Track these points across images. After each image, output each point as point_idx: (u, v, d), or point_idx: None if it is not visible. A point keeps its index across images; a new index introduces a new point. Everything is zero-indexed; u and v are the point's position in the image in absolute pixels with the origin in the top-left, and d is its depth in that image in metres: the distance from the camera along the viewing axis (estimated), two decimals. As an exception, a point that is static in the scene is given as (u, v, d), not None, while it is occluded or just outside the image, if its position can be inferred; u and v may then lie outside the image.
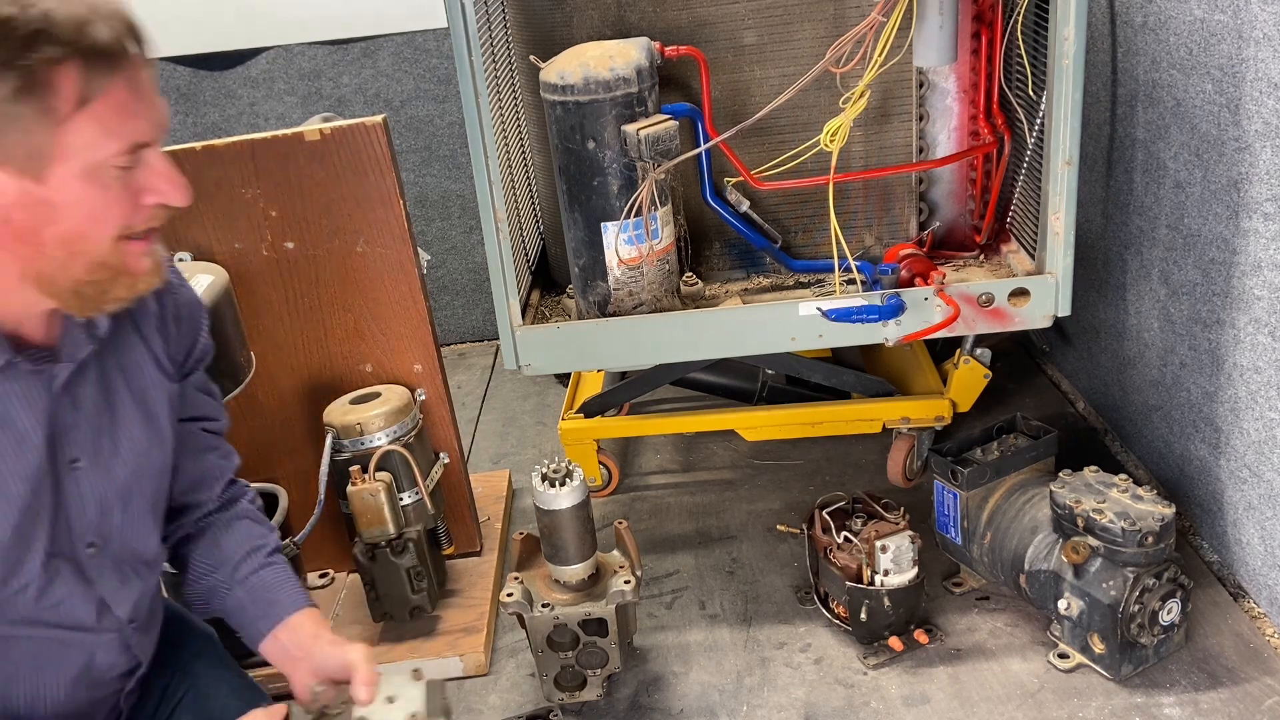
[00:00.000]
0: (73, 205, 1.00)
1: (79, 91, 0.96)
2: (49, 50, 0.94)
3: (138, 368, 1.23)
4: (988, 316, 1.98)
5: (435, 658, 2.08)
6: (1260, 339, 1.86)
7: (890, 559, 1.92)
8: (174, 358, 1.30)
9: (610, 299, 2.05)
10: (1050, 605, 1.90)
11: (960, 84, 2.12)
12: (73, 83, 0.96)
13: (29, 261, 1.02)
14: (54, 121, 0.96)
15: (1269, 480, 1.88)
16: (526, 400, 3.18)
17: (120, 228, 1.04)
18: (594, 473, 2.56)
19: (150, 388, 1.25)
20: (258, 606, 1.39)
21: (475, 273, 3.52)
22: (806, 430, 2.49)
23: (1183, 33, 1.98)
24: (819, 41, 2.01)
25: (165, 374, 1.27)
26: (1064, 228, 1.91)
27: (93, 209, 1.01)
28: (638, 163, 1.93)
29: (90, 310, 1.09)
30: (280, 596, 1.40)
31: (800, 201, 2.16)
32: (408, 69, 3.28)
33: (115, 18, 0.99)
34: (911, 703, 1.88)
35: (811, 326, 1.99)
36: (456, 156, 3.37)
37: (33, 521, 1.12)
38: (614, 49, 1.91)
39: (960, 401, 2.38)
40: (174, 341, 1.30)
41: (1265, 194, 1.79)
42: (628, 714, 1.94)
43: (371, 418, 2.04)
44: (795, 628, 2.09)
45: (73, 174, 0.98)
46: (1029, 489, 2.01)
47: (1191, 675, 1.86)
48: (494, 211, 1.96)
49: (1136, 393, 2.38)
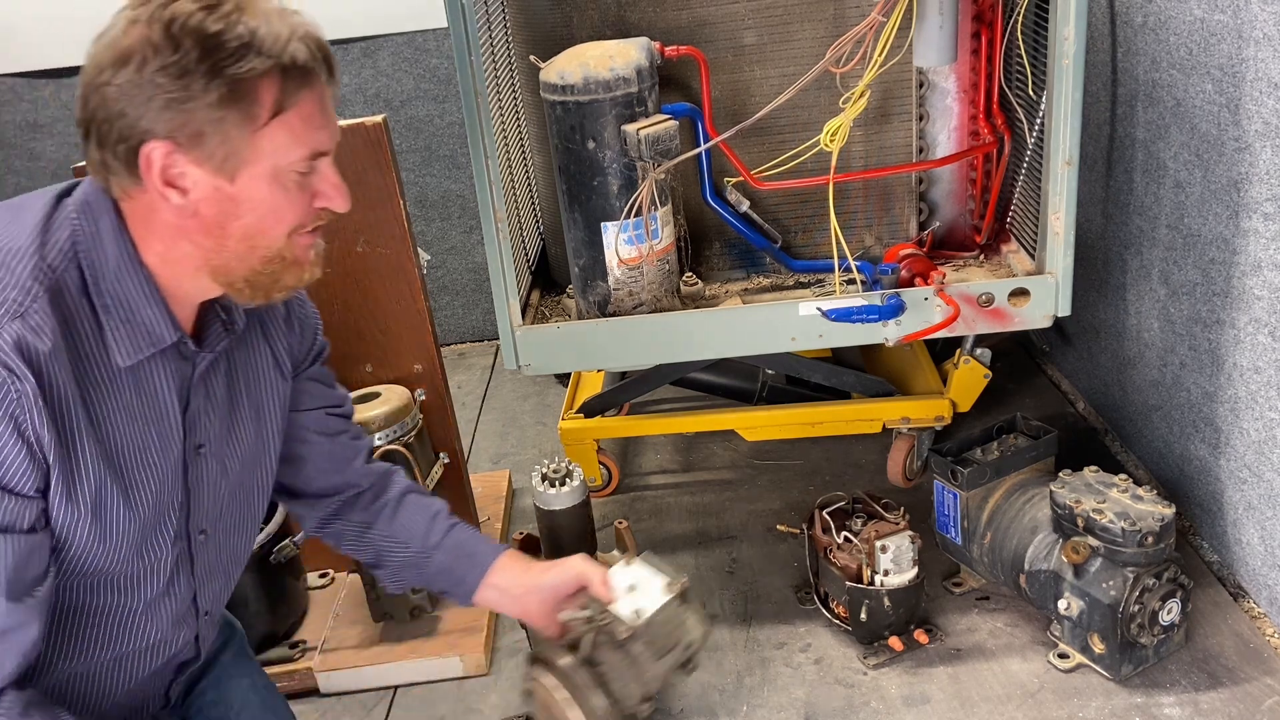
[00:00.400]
0: (256, 203, 1.08)
1: (276, 101, 1.05)
2: (255, 62, 1.02)
3: (257, 367, 1.30)
4: (988, 316, 1.98)
5: (435, 657, 2.08)
6: (1260, 339, 1.86)
7: (890, 559, 1.92)
8: (294, 357, 1.36)
9: (610, 299, 2.05)
10: (1050, 605, 1.90)
11: (960, 84, 2.12)
12: (271, 93, 1.04)
13: (211, 253, 1.10)
14: (253, 128, 1.04)
15: (1269, 480, 1.88)
16: (526, 400, 3.18)
17: (294, 225, 1.12)
18: (594, 473, 2.56)
19: (266, 388, 1.31)
20: (461, 565, 1.45)
21: (475, 273, 3.52)
22: (806, 430, 2.49)
23: (1183, 33, 1.98)
24: (819, 41, 2.01)
25: (282, 374, 1.33)
26: (1064, 228, 1.91)
27: (273, 208, 1.09)
28: (638, 163, 1.93)
29: (260, 298, 1.16)
30: (478, 548, 1.47)
31: (800, 201, 2.16)
32: (408, 69, 3.28)
33: (311, 39, 1.08)
34: (911, 703, 1.88)
35: (811, 326, 1.99)
36: (456, 156, 3.37)
37: (169, 498, 1.19)
38: (614, 49, 1.91)
39: (960, 401, 2.38)
40: (296, 342, 1.37)
41: (1265, 194, 1.79)
42: (628, 714, 1.94)
43: (371, 418, 2.04)
44: (795, 628, 2.09)
45: (260, 175, 1.07)
46: (1029, 489, 2.01)
47: (1191, 675, 1.86)
48: (494, 211, 1.96)
49: (1136, 393, 2.38)
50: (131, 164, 1.04)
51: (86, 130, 1.06)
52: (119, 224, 1.09)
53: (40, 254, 1.05)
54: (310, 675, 2.08)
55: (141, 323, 1.10)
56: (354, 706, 2.06)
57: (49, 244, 1.07)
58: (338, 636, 2.16)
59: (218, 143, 1.04)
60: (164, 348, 1.13)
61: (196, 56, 1.01)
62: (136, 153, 1.03)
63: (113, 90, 1.02)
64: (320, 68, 1.09)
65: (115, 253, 1.08)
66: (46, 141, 3.31)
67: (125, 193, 1.08)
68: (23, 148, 3.31)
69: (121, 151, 1.04)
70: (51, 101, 3.25)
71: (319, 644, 2.14)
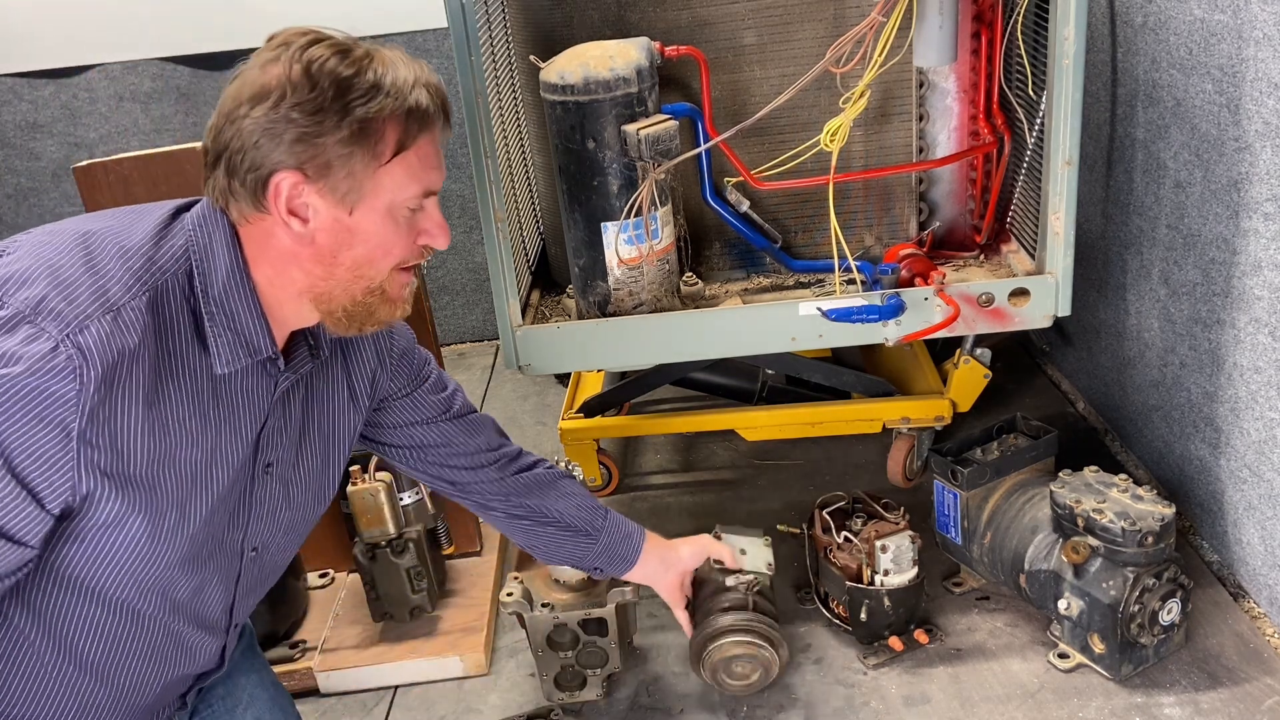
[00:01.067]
0: (369, 235, 1.15)
1: (399, 141, 1.12)
2: (383, 104, 1.10)
3: (331, 397, 1.34)
4: (988, 316, 1.98)
5: (435, 657, 2.08)
6: (1260, 339, 1.86)
7: (890, 559, 1.92)
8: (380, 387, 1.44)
9: (610, 299, 2.05)
10: (1050, 605, 1.90)
11: (960, 84, 2.12)
12: (395, 133, 1.12)
13: (318, 279, 1.16)
14: (377, 165, 1.12)
15: (1269, 480, 1.88)
16: (526, 400, 3.18)
17: (399, 260, 1.19)
18: (594, 473, 2.56)
19: (338, 418, 1.36)
20: (622, 547, 1.74)
21: (475, 273, 3.52)
22: (806, 430, 2.49)
23: (1183, 33, 1.98)
24: (819, 41, 2.01)
25: (356, 406, 1.38)
26: (1064, 228, 1.91)
27: (384, 240, 1.16)
28: (638, 163, 1.93)
29: (353, 329, 1.22)
30: (630, 530, 1.76)
31: (800, 201, 2.16)
32: (407, 69, 3.28)
33: (432, 86, 1.15)
34: (911, 703, 1.88)
35: (811, 326, 1.99)
36: (456, 156, 3.36)
37: (224, 512, 1.21)
38: (614, 49, 1.91)
39: (960, 401, 2.38)
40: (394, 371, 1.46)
41: (1265, 194, 1.79)
42: (628, 714, 1.94)
43: (371, 418, 2.04)
44: (795, 628, 2.09)
45: (377, 209, 1.14)
46: (1029, 489, 2.01)
47: (1191, 675, 1.86)
48: (494, 211, 1.96)
49: (1136, 393, 2.38)
50: (258, 192, 1.10)
51: (216, 159, 1.11)
52: (233, 240, 1.14)
53: (152, 256, 1.10)
54: (310, 675, 2.08)
55: (242, 332, 1.15)
56: (354, 706, 2.06)
57: (163, 248, 1.11)
58: (338, 636, 2.16)
59: (343, 176, 1.10)
60: (255, 362, 1.17)
61: (331, 96, 1.08)
62: (266, 182, 1.09)
63: (249, 123, 1.08)
64: (438, 113, 1.16)
65: (226, 265, 1.13)
66: (46, 141, 3.31)
67: (244, 217, 1.13)
68: (23, 148, 3.31)
69: (250, 180, 1.10)
70: (51, 101, 3.25)
71: (319, 644, 2.14)
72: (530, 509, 1.66)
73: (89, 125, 3.28)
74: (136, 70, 3.20)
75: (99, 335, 1.02)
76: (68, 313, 1.01)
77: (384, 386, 1.46)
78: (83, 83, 3.22)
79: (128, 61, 3.20)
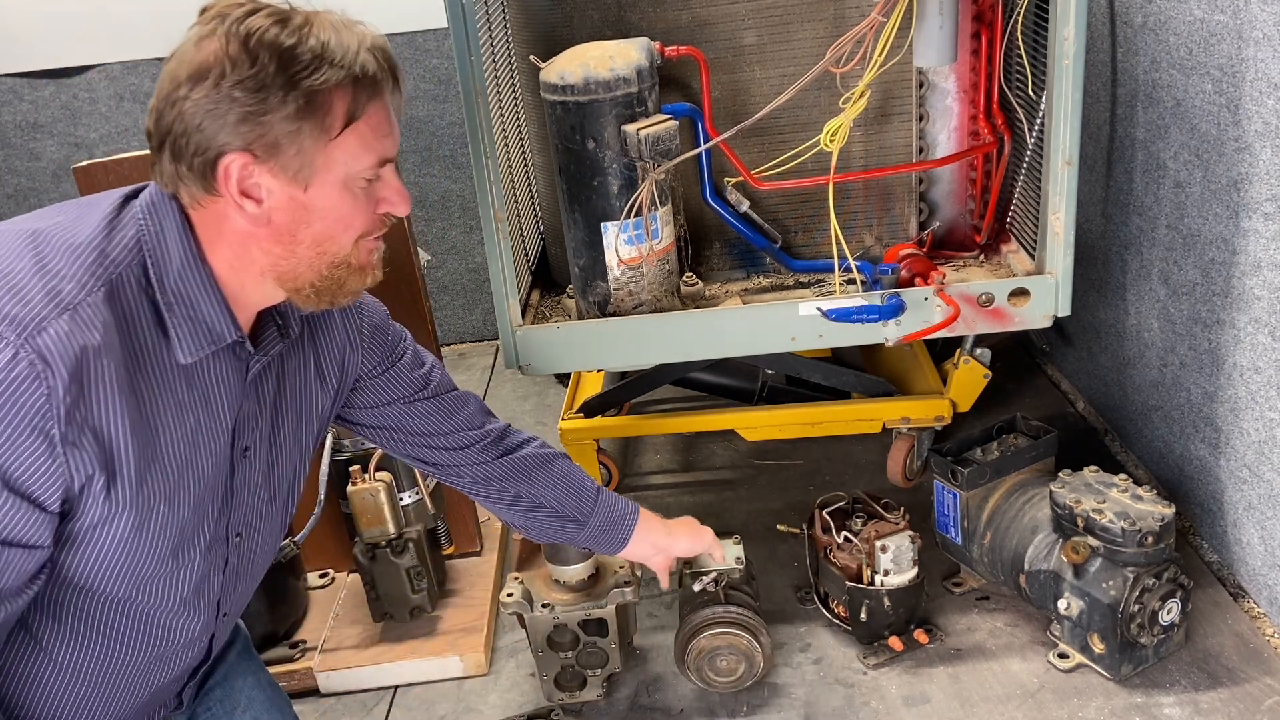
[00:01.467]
0: (327, 210, 1.11)
1: (348, 111, 1.08)
2: (328, 74, 1.05)
3: (303, 377, 1.32)
4: (988, 316, 1.98)
5: (435, 657, 2.08)
6: (1260, 339, 1.86)
7: (890, 559, 1.92)
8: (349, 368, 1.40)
9: (610, 299, 2.05)
10: (1050, 605, 1.90)
11: (960, 84, 2.12)
12: (344, 104, 1.07)
13: (280, 259, 1.13)
14: (327, 138, 1.07)
15: (1269, 480, 1.88)
16: (526, 400, 3.18)
17: (361, 231, 1.15)
18: (594, 473, 2.56)
19: (308, 397, 1.33)
20: (614, 528, 1.71)
21: (475, 273, 3.52)
22: (806, 430, 2.49)
23: (1183, 33, 1.98)
24: (819, 41, 2.01)
25: (324, 385, 1.35)
26: (1064, 228, 1.91)
27: (342, 214, 1.12)
28: (638, 163, 1.93)
29: (325, 303, 1.19)
30: (624, 512, 1.73)
31: (800, 201, 2.16)
32: (408, 69, 3.28)
33: (378, 49, 1.10)
34: (911, 703, 1.88)
35: (811, 326, 1.99)
36: (456, 156, 3.37)
37: (210, 500, 1.20)
38: (614, 49, 1.91)
39: (960, 401, 2.38)
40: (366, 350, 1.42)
41: (1265, 194, 1.79)
42: (628, 714, 1.94)
43: (371, 418, 2.04)
44: (795, 628, 2.09)
45: (332, 183, 1.10)
46: (1029, 489, 2.01)
47: (1191, 675, 1.86)
48: (494, 211, 1.96)
49: (1136, 393, 2.38)
50: (207, 175, 1.07)
51: (161, 144, 1.08)
52: (184, 226, 1.11)
53: (103, 249, 1.07)
54: (310, 675, 2.08)
55: (203, 320, 1.12)
56: (354, 706, 2.06)
57: (114, 240, 1.08)
58: (338, 636, 2.16)
59: (293, 154, 1.07)
60: (221, 348, 1.15)
61: (274, 70, 1.03)
62: (214, 165, 1.06)
63: (190, 105, 1.04)
64: (386, 78, 1.11)
65: (180, 253, 1.10)
66: (47, 141, 3.31)
67: (196, 201, 1.10)
68: (23, 148, 3.31)
69: (198, 164, 1.06)
70: (51, 102, 3.25)
71: (319, 644, 2.14)
72: (514, 495, 1.62)
73: (89, 125, 3.28)
74: (136, 70, 3.20)
75: (58, 336, 0.99)
76: (22, 316, 0.98)
77: (356, 365, 1.42)
78: (83, 83, 3.22)
79: (128, 61, 3.20)
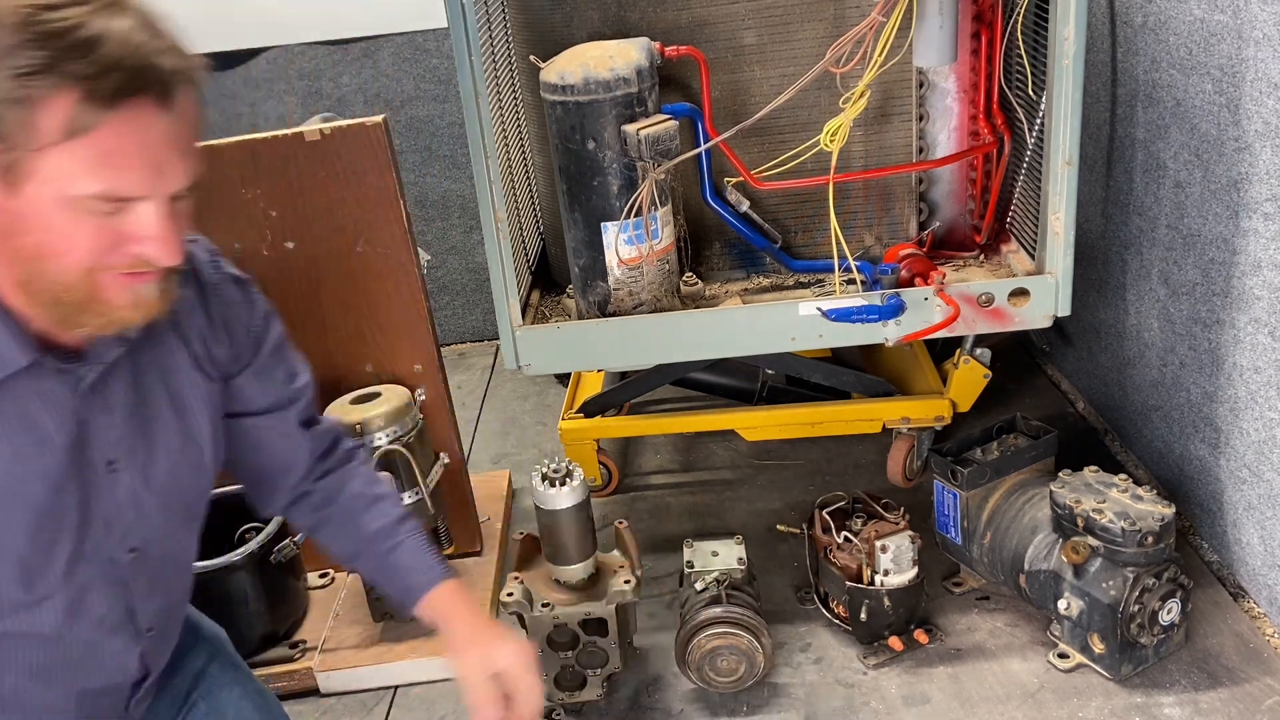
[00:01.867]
0: (41, 225, 0.95)
1: (67, 123, 0.90)
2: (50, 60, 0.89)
3: (175, 369, 1.20)
4: (988, 316, 1.98)
5: (435, 657, 2.08)
6: (1260, 339, 1.86)
7: (890, 559, 1.92)
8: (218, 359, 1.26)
9: (610, 299, 2.05)
10: (1050, 605, 1.90)
11: (960, 84, 2.12)
12: (66, 109, 0.90)
13: (10, 265, 0.99)
14: (34, 144, 0.91)
15: (1269, 480, 1.88)
16: (526, 400, 3.18)
17: (92, 262, 0.98)
18: (594, 473, 2.56)
19: (187, 389, 1.22)
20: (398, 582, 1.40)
21: (475, 273, 3.52)
22: (806, 430, 2.49)
23: (1183, 33, 1.98)
24: (819, 41, 2.01)
25: (205, 374, 1.24)
26: (1064, 228, 1.91)
27: (61, 235, 0.96)
28: (638, 163, 1.93)
29: (69, 329, 1.04)
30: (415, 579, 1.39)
31: (800, 201, 2.16)
32: (408, 69, 3.28)
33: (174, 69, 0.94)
34: (911, 703, 1.88)
35: (811, 326, 1.99)
36: (456, 156, 3.37)
37: (55, 526, 1.09)
38: (614, 49, 1.91)
39: (960, 401, 2.38)
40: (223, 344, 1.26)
41: (1265, 194, 1.79)
42: (628, 714, 1.94)
43: (372, 417, 2.04)
44: (795, 628, 2.09)
45: (46, 197, 0.94)
46: (1029, 489, 2.01)
47: (1191, 675, 1.86)
48: (494, 211, 1.96)
49: (1136, 393, 2.38)
50: None
51: None
52: None
53: None
54: (310, 675, 2.08)
55: None
56: (354, 706, 2.06)
57: None
58: (338, 636, 2.16)
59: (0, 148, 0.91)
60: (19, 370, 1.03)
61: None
62: None
63: None
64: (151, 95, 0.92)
65: None
66: None
67: None
68: (23, 148, 3.31)
69: None
70: None
71: (319, 644, 2.14)
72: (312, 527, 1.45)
73: None
74: None
75: None
76: None
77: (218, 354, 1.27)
78: None
79: None
